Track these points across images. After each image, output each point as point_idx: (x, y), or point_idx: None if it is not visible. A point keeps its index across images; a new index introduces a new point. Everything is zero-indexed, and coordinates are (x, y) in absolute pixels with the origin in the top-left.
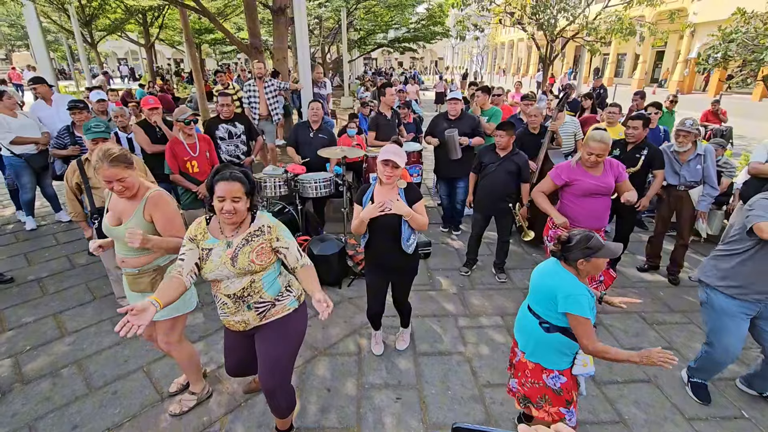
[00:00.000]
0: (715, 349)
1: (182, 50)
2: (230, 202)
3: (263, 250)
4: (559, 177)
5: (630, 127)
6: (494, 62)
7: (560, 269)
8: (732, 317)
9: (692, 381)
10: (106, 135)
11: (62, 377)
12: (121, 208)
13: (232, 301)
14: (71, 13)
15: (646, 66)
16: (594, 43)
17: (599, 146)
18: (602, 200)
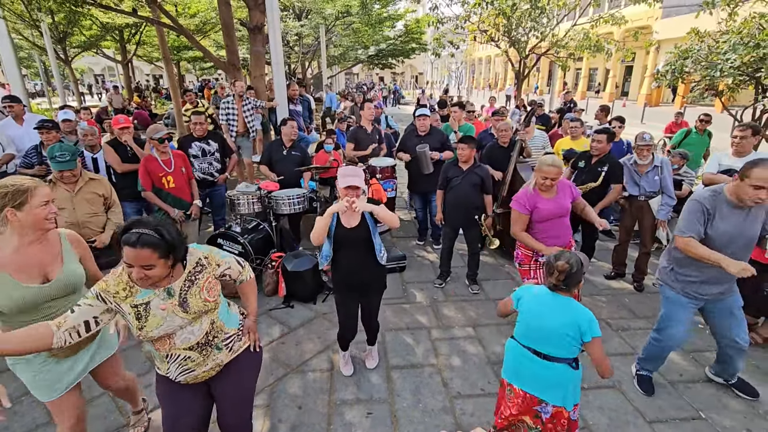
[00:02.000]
0: (662, 335)
1: (161, 66)
2: (139, 270)
3: (211, 284)
4: (524, 207)
5: (595, 141)
6: (472, 77)
7: (565, 300)
8: (681, 306)
9: (639, 374)
10: (71, 165)
11: (22, 405)
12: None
13: (198, 351)
14: (44, 30)
15: (616, 80)
16: (564, 59)
17: (553, 170)
18: (562, 221)
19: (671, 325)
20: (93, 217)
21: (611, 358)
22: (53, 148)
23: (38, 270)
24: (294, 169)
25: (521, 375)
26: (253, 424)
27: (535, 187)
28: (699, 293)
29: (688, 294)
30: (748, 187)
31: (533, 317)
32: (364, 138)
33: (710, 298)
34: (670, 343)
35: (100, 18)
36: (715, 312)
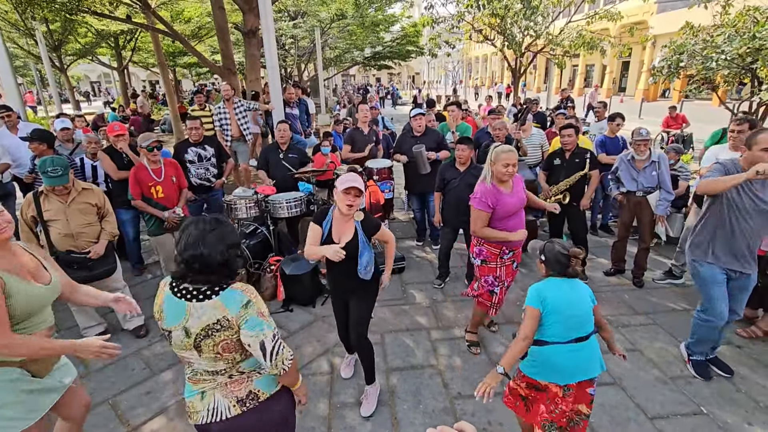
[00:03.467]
0: (710, 315)
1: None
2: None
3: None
4: (486, 204)
5: (564, 136)
6: (469, 75)
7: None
8: (717, 283)
9: (693, 359)
10: (64, 181)
11: None
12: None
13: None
14: (38, 39)
15: (613, 76)
16: (560, 57)
17: (513, 155)
18: (522, 214)
19: (712, 303)
20: (87, 227)
21: (611, 355)
22: (44, 162)
23: (31, 275)
24: (287, 173)
25: (575, 370)
26: None
27: (492, 182)
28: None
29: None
30: (759, 153)
31: (567, 307)
32: (360, 140)
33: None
34: (717, 322)
35: (94, 25)
36: (734, 284)
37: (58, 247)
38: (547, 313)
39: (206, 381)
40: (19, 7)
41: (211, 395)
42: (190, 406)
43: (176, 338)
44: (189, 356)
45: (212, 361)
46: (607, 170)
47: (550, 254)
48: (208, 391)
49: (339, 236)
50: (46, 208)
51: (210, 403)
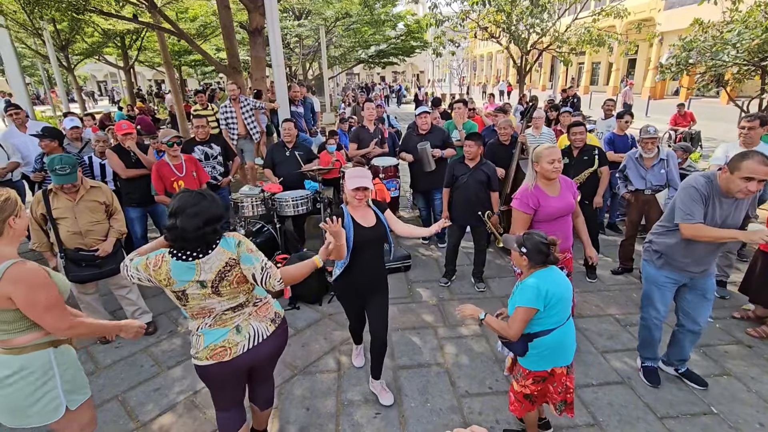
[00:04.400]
0: (645, 312)
1: (163, 71)
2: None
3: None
4: (527, 205)
5: (576, 134)
6: (474, 74)
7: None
8: (660, 286)
9: (644, 366)
10: (72, 179)
11: None
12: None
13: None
14: (46, 38)
15: (619, 74)
16: (566, 54)
17: (554, 150)
18: (568, 220)
19: (650, 302)
20: (96, 225)
21: (620, 354)
22: (53, 161)
23: None
24: (294, 172)
25: (573, 345)
26: None
27: (536, 184)
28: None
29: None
30: (739, 180)
31: (565, 291)
32: (366, 138)
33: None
34: (653, 321)
35: (101, 25)
36: (691, 292)
37: (67, 245)
38: (551, 305)
39: (235, 317)
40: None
41: (248, 324)
42: (225, 343)
43: (192, 293)
44: (211, 303)
45: (233, 297)
46: (616, 168)
47: (531, 245)
48: (243, 323)
49: (366, 221)
50: (55, 206)
51: (249, 331)
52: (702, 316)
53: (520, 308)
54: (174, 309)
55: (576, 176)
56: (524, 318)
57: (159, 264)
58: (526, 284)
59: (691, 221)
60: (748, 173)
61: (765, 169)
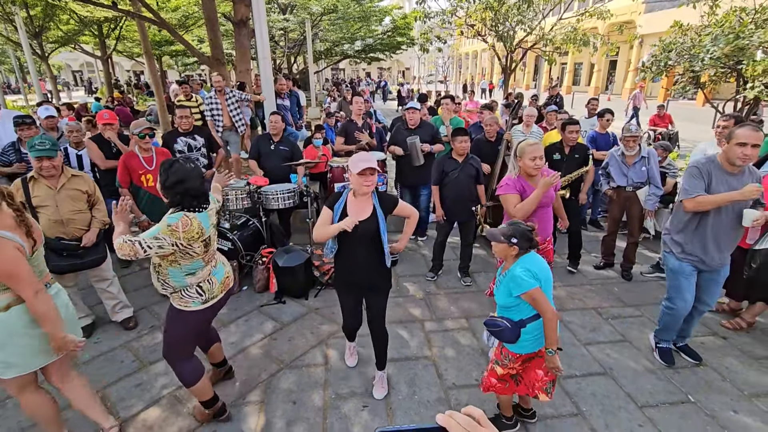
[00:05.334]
0: (673, 303)
1: (142, 62)
2: None
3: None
4: (513, 188)
5: (572, 132)
6: (459, 71)
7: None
8: (685, 276)
9: (659, 347)
10: (51, 153)
11: (6, 408)
12: None
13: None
14: (18, 25)
15: (601, 74)
16: (551, 54)
17: (537, 148)
18: (548, 212)
19: (678, 293)
20: (77, 215)
21: (602, 346)
22: (33, 139)
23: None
24: (281, 164)
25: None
26: (248, 421)
27: (519, 175)
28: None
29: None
30: (734, 147)
31: (547, 273)
32: (353, 131)
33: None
34: (681, 311)
35: (78, 11)
36: (705, 276)
37: (48, 234)
38: (544, 282)
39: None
40: None
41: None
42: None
43: (213, 237)
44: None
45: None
46: (598, 165)
47: (518, 233)
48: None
49: (357, 214)
50: (35, 193)
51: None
52: (712, 298)
53: (527, 295)
54: (155, 303)
55: (567, 174)
56: (541, 297)
57: (189, 223)
58: (515, 273)
59: (691, 196)
60: (741, 139)
61: (755, 134)
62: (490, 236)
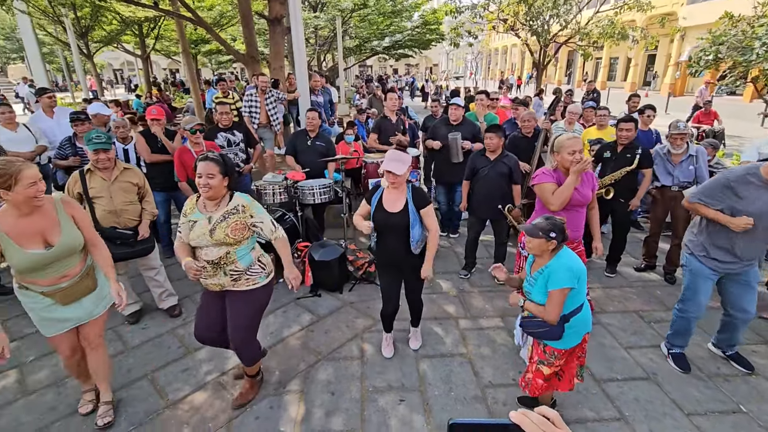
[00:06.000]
0: (686, 306)
1: (178, 60)
2: (205, 178)
3: (237, 226)
4: (550, 176)
5: (623, 130)
6: (488, 67)
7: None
8: (703, 277)
9: (672, 353)
10: (107, 146)
11: (66, 387)
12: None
13: (211, 266)
14: (67, 26)
15: (638, 69)
16: (586, 48)
17: (576, 141)
18: (581, 213)
19: (693, 296)
20: (129, 206)
21: (645, 350)
22: (90, 133)
23: (40, 237)
24: (318, 160)
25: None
26: (289, 409)
27: (556, 169)
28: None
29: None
30: None
31: (581, 265)
32: (388, 128)
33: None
34: (693, 314)
35: (122, 12)
36: (734, 282)
37: (102, 224)
38: (581, 279)
39: None
40: None
41: None
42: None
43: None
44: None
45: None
46: None
47: (556, 228)
48: None
49: (391, 207)
50: (92, 185)
51: None
52: (750, 304)
53: (555, 291)
54: (198, 292)
55: (613, 172)
56: (561, 300)
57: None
58: (555, 268)
59: (693, 200)
60: None
61: None
62: (528, 232)
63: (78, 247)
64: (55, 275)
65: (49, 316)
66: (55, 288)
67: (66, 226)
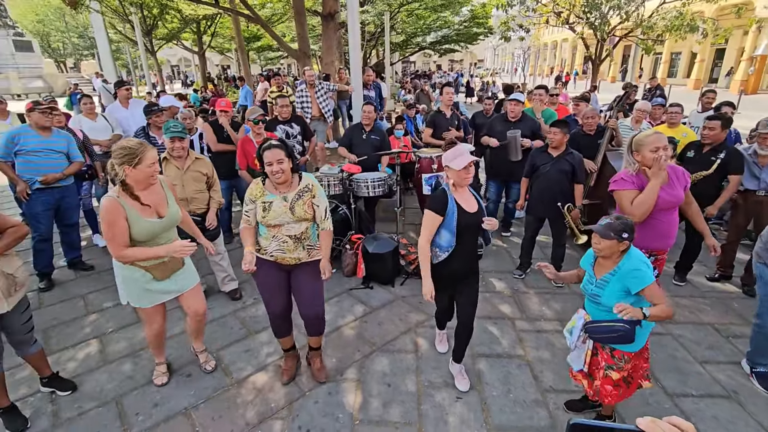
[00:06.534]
0: (765, 320)
1: (230, 57)
2: (276, 165)
3: (309, 204)
4: (630, 182)
5: (707, 128)
6: (537, 63)
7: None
8: None
9: (755, 371)
10: (183, 135)
11: (141, 358)
12: (153, 200)
13: (293, 241)
14: (135, 24)
15: (704, 65)
16: (648, 42)
17: (659, 137)
18: (672, 215)
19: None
20: (199, 194)
21: (723, 367)
22: (168, 122)
23: (153, 209)
24: (372, 153)
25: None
26: (347, 396)
27: (638, 171)
28: None
29: None
30: None
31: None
32: (442, 123)
33: None
34: None
35: (184, 10)
36: None
37: None
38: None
39: None
40: None
41: None
42: None
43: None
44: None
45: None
46: None
47: (628, 228)
48: None
49: (470, 207)
50: (167, 173)
51: None
52: None
53: (650, 287)
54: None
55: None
56: (662, 292)
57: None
58: (632, 266)
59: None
60: None
61: None
62: (600, 233)
63: (179, 220)
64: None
65: (148, 288)
66: (155, 263)
67: (171, 200)
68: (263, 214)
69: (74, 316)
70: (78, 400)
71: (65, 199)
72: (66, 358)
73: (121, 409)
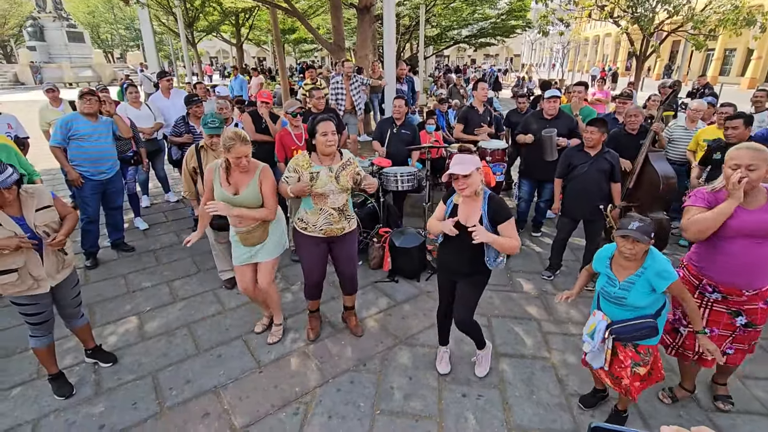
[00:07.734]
0: None
1: (266, 49)
2: (331, 135)
3: (351, 175)
4: (702, 199)
5: (729, 128)
6: (576, 58)
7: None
8: None
9: None
10: (220, 131)
11: (176, 337)
12: (237, 180)
13: (337, 213)
14: (178, 16)
15: (761, 63)
16: (699, 37)
17: (740, 153)
18: (762, 246)
19: None
20: None
21: (764, 383)
22: (206, 116)
23: (234, 186)
24: (404, 148)
25: None
26: (368, 386)
27: (721, 188)
28: None
29: None
30: None
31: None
32: (474, 119)
33: None
34: None
35: (224, 2)
36: None
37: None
38: None
39: None
40: None
41: None
42: None
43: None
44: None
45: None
46: None
47: (652, 227)
48: None
49: (465, 218)
50: (206, 161)
51: None
52: None
53: (676, 283)
54: (286, 266)
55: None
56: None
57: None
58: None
59: None
60: None
61: None
62: (638, 238)
63: (254, 203)
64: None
65: (237, 248)
66: (238, 230)
67: (252, 186)
68: (311, 183)
69: (116, 294)
70: (118, 372)
71: (112, 183)
72: (108, 333)
73: (156, 383)
